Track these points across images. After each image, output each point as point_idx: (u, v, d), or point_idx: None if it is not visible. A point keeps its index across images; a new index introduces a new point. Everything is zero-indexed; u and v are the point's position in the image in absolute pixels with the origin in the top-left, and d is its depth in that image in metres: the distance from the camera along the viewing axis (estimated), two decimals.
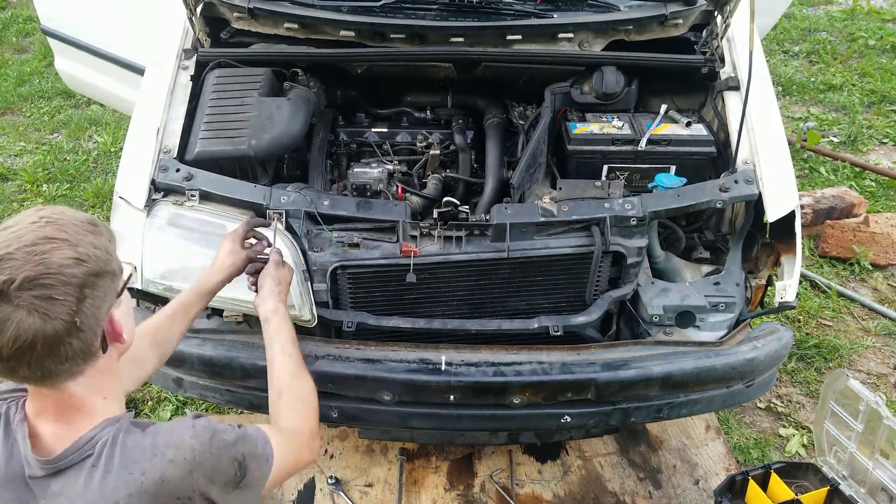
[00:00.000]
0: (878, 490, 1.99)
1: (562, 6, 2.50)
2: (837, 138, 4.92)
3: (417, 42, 2.36)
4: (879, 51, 6.27)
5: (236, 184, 1.97)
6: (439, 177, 2.26)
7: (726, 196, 2.02)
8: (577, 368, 1.85)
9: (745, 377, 1.93)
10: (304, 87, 2.32)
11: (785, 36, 6.60)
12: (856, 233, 3.65)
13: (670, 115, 2.32)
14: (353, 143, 2.43)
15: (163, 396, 2.80)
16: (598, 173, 2.22)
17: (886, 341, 3.20)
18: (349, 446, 2.56)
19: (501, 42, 2.36)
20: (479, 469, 2.49)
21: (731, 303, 1.99)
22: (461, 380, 1.83)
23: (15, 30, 6.57)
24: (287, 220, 1.91)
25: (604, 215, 1.93)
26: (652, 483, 2.45)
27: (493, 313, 2.04)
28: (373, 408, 1.90)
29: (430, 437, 2.43)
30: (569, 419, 1.92)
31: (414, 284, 1.92)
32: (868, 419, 1.97)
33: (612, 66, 2.36)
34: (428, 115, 2.55)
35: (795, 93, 5.58)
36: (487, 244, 1.93)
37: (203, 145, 2.04)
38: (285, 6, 2.35)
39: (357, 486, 2.42)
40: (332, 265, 1.91)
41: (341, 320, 1.95)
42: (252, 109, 2.12)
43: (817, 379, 2.96)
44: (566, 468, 2.50)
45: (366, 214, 1.94)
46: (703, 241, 2.24)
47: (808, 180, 4.39)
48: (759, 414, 2.82)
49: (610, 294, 2.01)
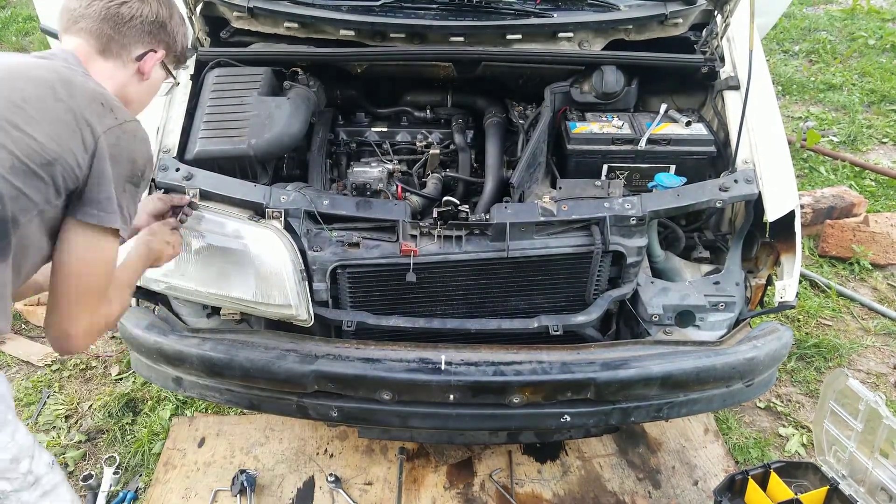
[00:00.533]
0: (878, 489, 1.99)
1: (562, 6, 2.50)
2: (837, 138, 4.93)
3: (417, 41, 2.36)
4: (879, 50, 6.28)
5: (236, 183, 1.97)
6: (439, 176, 2.26)
7: (726, 195, 2.02)
8: (577, 368, 1.85)
9: (745, 377, 1.93)
10: (304, 86, 2.32)
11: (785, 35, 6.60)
12: (855, 232, 3.66)
13: (670, 115, 2.32)
14: (353, 142, 2.43)
15: (162, 396, 2.80)
16: (598, 173, 2.22)
17: (886, 341, 3.21)
18: (349, 446, 2.56)
19: (501, 41, 2.36)
20: (479, 468, 2.49)
21: (731, 302, 1.99)
22: (461, 379, 1.83)
23: (15, 29, 6.57)
24: (287, 219, 1.91)
25: (604, 215, 1.94)
26: (651, 483, 2.45)
27: (492, 313, 2.04)
28: (372, 407, 1.90)
29: (430, 436, 2.43)
30: (568, 418, 1.92)
31: (414, 284, 1.92)
32: (868, 419, 1.97)
33: (611, 66, 2.36)
34: (428, 114, 2.55)
35: (795, 92, 5.58)
36: (487, 244, 1.93)
37: (203, 144, 2.04)
38: (285, 6, 2.35)
39: (357, 485, 2.42)
40: (332, 264, 1.91)
41: (341, 320, 1.95)
42: (252, 109, 2.12)
43: (817, 378, 2.96)
44: (566, 468, 2.51)
45: (366, 214, 1.94)
46: (703, 240, 2.24)
47: (808, 180, 4.40)
48: (758, 413, 2.82)
49: (610, 293, 2.02)
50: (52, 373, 2.97)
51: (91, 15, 1.44)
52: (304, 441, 2.58)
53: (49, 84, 1.30)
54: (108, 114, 1.33)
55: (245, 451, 2.55)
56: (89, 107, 1.31)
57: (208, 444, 2.57)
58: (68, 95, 1.30)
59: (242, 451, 2.55)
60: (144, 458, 2.55)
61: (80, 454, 2.59)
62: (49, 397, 2.84)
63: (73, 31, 1.45)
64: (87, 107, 1.31)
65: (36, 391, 2.87)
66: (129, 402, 2.79)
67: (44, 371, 2.98)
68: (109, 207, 1.32)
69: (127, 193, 1.37)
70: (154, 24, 1.50)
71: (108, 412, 2.75)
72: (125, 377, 2.93)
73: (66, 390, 2.89)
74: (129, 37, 1.47)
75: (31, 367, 3.01)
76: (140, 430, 2.66)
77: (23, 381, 2.93)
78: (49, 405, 2.80)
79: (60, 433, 2.68)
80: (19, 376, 2.96)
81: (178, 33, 1.58)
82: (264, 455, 2.53)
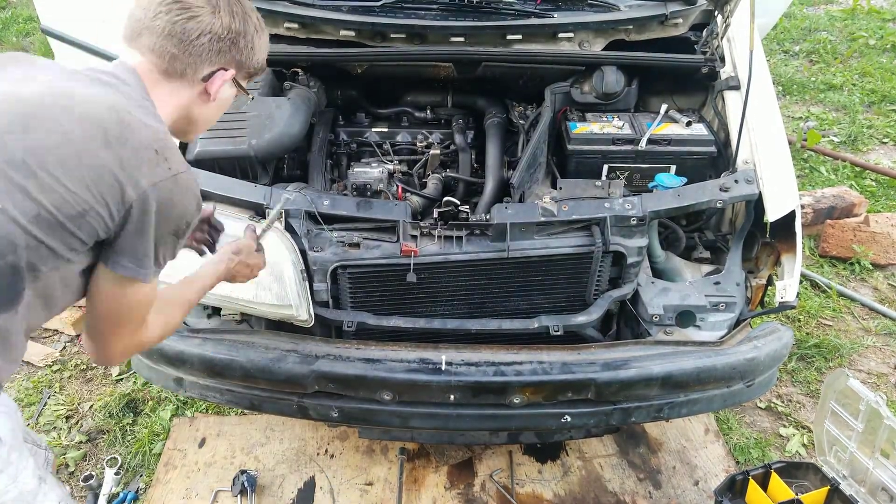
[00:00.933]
0: (879, 490, 1.99)
1: (562, 6, 2.50)
2: (837, 138, 4.93)
3: (417, 42, 2.36)
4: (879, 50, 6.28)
5: (236, 183, 1.97)
6: (439, 177, 2.26)
7: (726, 196, 2.02)
8: (578, 368, 1.85)
9: (746, 377, 1.93)
10: (304, 87, 2.33)
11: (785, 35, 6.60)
12: (856, 232, 3.65)
13: (670, 115, 2.32)
14: (353, 142, 2.43)
15: (163, 396, 2.80)
16: (598, 173, 2.22)
17: (887, 341, 3.20)
18: (349, 446, 2.56)
19: (501, 42, 2.36)
20: (480, 469, 2.49)
21: (732, 302, 1.99)
22: (461, 379, 1.83)
23: (15, 30, 6.57)
24: (287, 219, 1.91)
25: (604, 215, 1.94)
26: (652, 483, 2.45)
27: (493, 313, 2.04)
28: (373, 408, 1.90)
29: (431, 437, 2.43)
30: (569, 419, 1.92)
31: (414, 284, 1.92)
32: (868, 419, 1.97)
33: (612, 66, 2.36)
34: (428, 114, 2.55)
35: (795, 92, 5.58)
36: (487, 244, 1.93)
37: (203, 145, 2.04)
38: (285, 6, 2.35)
39: (357, 485, 2.42)
40: (333, 265, 1.91)
41: (341, 320, 1.95)
42: (252, 109, 2.12)
43: (817, 378, 2.96)
44: (566, 468, 2.50)
45: (366, 214, 1.94)
46: (704, 240, 2.24)
47: (809, 180, 4.40)
48: (759, 413, 2.82)
49: (610, 294, 2.02)
50: (52, 373, 2.97)
51: (155, 29, 1.27)
52: (305, 441, 2.58)
53: (102, 126, 1.13)
54: (162, 163, 1.18)
55: (246, 451, 2.55)
56: (140, 155, 1.16)
57: (209, 444, 2.57)
58: (120, 142, 1.14)
59: (243, 451, 2.55)
60: (145, 458, 2.55)
61: (80, 455, 2.59)
62: (50, 398, 2.84)
63: (136, 45, 1.30)
64: (138, 155, 1.15)
65: (36, 391, 2.87)
66: (129, 403, 2.79)
67: (44, 371, 2.98)
68: (145, 262, 1.21)
69: (168, 245, 1.25)
70: (225, 41, 1.31)
71: (109, 413, 2.75)
72: (126, 377, 2.94)
73: (66, 391, 2.89)
74: (196, 55, 1.29)
75: (32, 367, 3.01)
76: (140, 431, 2.66)
77: (23, 381, 2.93)
78: (50, 405, 2.80)
79: (61, 434, 2.68)
80: (20, 377, 2.96)
81: (253, 48, 1.37)
82: (265, 455, 2.53)
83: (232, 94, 1.42)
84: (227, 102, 1.43)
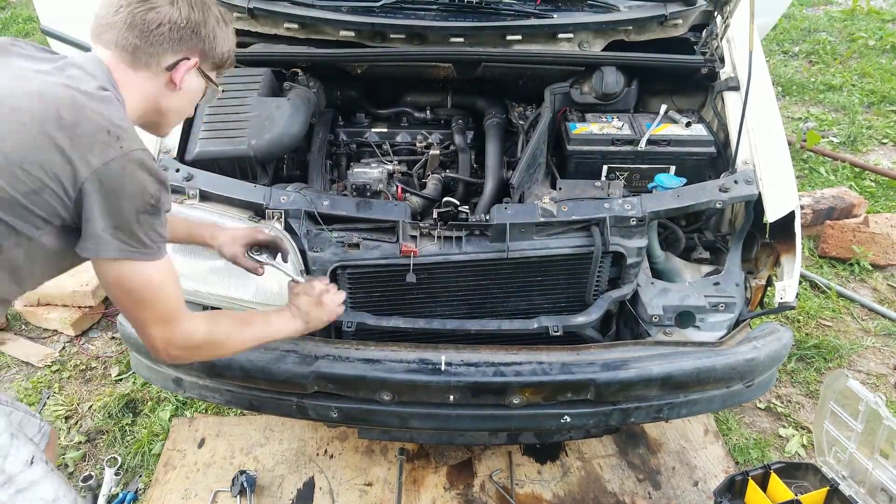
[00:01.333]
0: (878, 490, 1.99)
1: (562, 6, 2.50)
2: (837, 138, 4.93)
3: (417, 42, 2.36)
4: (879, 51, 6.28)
5: (236, 184, 1.97)
6: (439, 177, 2.26)
7: (726, 196, 2.02)
8: (577, 369, 1.85)
9: (745, 377, 1.93)
10: (304, 87, 2.32)
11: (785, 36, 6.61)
12: (855, 233, 3.66)
13: (670, 116, 2.32)
14: (353, 143, 2.43)
15: (162, 397, 2.80)
16: (598, 173, 2.22)
17: (886, 342, 3.21)
18: (349, 447, 2.56)
19: (501, 42, 2.36)
20: (479, 469, 2.49)
21: (731, 303, 1.99)
22: (461, 380, 1.83)
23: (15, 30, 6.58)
24: (287, 219, 1.91)
25: (604, 215, 1.93)
26: (651, 484, 2.45)
27: (492, 313, 2.04)
28: (372, 408, 1.90)
29: (430, 437, 2.43)
30: (568, 419, 1.91)
31: (414, 284, 1.92)
32: (868, 419, 1.97)
33: (611, 67, 2.36)
34: (428, 115, 2.54)
35: (795, 93, 5.59)
36: (487, 244, 1.93)
37: (203, 145, 2.04)
38: (285, 6, 2.35)
39: (356, 485, 2.42)
40: (332, 265, 1.91)
41: (341, 320, 1.95)
42: (252, 109, 2.12)
43: (817, 379, 2.96)
44: (566, 469, 2.50)
45: (366, 214, 1.94)
46: (703, 241, 2.24)
47: (808, 180, 4.40)
48: (758, 414, 2.82)
49: (610, 294, 2.01)
50: (51, 373, 2.97)
51: (117, 24, 1.33)
52: (304, 442, 2.58)
53: (57, 110, 1.21)
54: (114, 143, 1.23)
55: (245, 451, 2.55)
56: (93, 136, 1.22)
57: (208, 444, 2.57)
58: (73, 124, 1.21)
59: (242, 451, 2.55)
60: (144, 458, 2.55)
61: (79, 455, 2.59)
62: (49, 398, 2.84)
63: (102, 41, 1.36)
64: (91, 136, 1.22)
65: (36, 392, 2.87)
66: (128, 403, 2.79)
67: (44, 372, 2.98)
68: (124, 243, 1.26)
69: (143, 224, 1.28)
70: (185, 30, 1.37)
71: (108, 413, 2.75)
72: (125, 378, 2.94)
73: (65, 391, 2.89)
74: (158, 45, 1.35)
75: (31, 367, 3.01)
76: (140, 431, 2.66)
77: (23, 381, 2.93)
78: (49, 406, 2.80)
79: (60, 434, 2.67)
80: (19, 377, 2.96)
81: (215, 37, 1.42)
82: (264, 456, 2.53)
83: (200, 84, 1.47)
84: (195, 93, 1.48)
